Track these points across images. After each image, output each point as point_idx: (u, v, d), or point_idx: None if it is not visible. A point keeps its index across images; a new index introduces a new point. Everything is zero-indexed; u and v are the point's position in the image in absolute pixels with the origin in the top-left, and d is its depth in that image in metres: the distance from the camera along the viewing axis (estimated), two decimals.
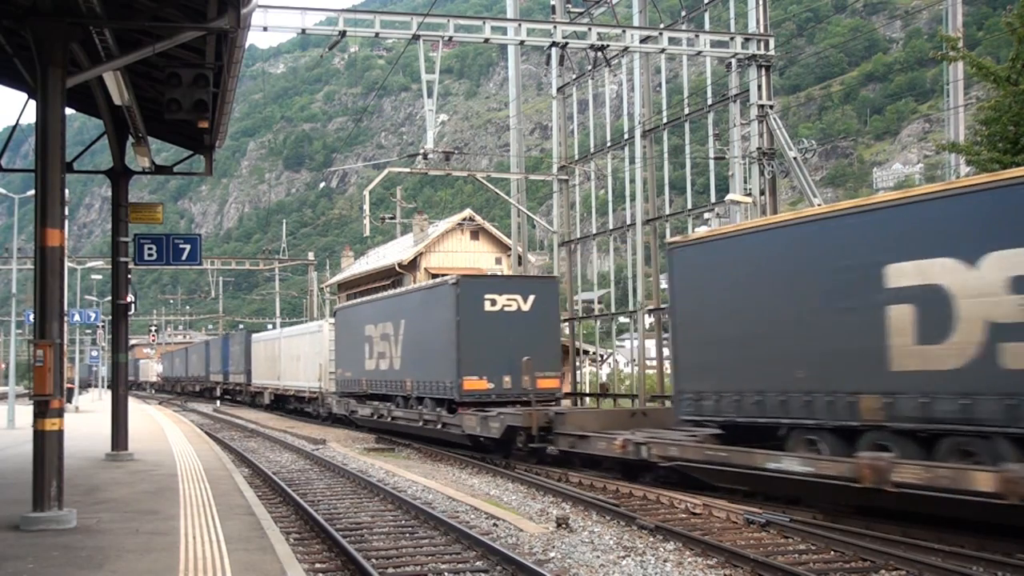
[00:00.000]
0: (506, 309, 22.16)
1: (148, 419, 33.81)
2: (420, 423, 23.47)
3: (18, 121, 15.50)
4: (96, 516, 10.95)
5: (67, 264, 28.37)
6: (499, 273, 46.70)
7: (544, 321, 22.62)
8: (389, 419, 25.81)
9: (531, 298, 22.44)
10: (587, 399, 30.72)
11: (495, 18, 27.38)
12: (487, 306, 22.06)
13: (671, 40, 25.60)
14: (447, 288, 22.87)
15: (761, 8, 25.62)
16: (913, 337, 11.82)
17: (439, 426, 22.36)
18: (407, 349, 25.22)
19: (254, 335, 50.49)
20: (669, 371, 21.43)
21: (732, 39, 25.54)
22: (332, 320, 35.52)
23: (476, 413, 20.77)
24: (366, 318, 28.98)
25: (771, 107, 25.46)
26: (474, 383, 21.71)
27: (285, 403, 43.12)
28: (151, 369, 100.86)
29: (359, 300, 33.79)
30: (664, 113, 31.61)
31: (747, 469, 13.43)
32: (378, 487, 16.36)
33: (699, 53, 25.97)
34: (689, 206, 29.28)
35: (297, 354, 39.59)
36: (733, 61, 26.04)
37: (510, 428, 19.39)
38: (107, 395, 44.64)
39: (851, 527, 11.86)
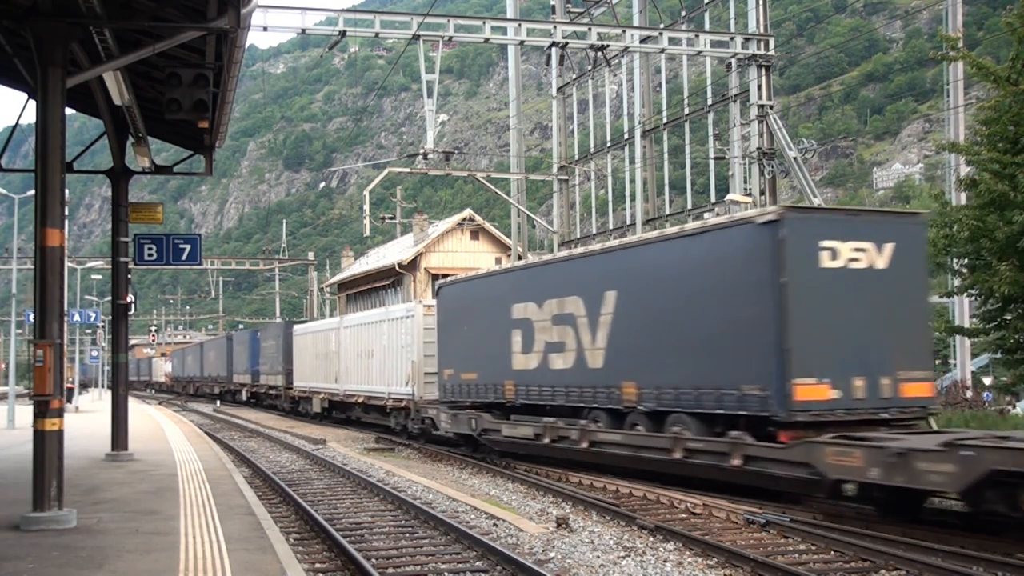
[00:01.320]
0: (852, 266, 13.65)
1: (148, 419, 33.82)
2: (675, 454, 14.90)
3: (18, 121, 15.50)
4: (96, 516, 10.95)
5: (67, 264, 28.39)
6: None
7: (907, 286, 14.10)
8: (582, 444, 17.21)
9: (888, 248, 13.85)
10: None
11: (495, 18, 27.40)
12: (825, 260, 13.51)
13: (671, 40, 25.61)
14: (752, 231, 13.86)
15: (761, 8, 25.64)
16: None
17: (737, 461, 13.69)
18: (627, 336, 16.65)
19: (297, 326, 40.88)
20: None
21: (732, 39, 25.56)
22: (422, 303, 26.93)
23: (861, 444, 12.05)
24: (515, 293, 20.00)
25: (771, 107, 25.48)
26: (811, 389, 13.23)
27: (344, 411, 33.85)
28: (158, 368, 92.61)
29: (490, 270, 23.28)
30: (664, 113, 31.63)
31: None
32: (378, 487, 16.36)
33: (699, 53, 25.99)
34: (689, 206, 29.29)
35: (369, 348, 29.79)
36: (733, 61, 26.05)
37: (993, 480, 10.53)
38: (107, 395, 44.65)
39: (851, 527, 11.85)
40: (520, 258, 33.85)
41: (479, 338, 21.34)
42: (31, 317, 25.45)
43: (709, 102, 29.18)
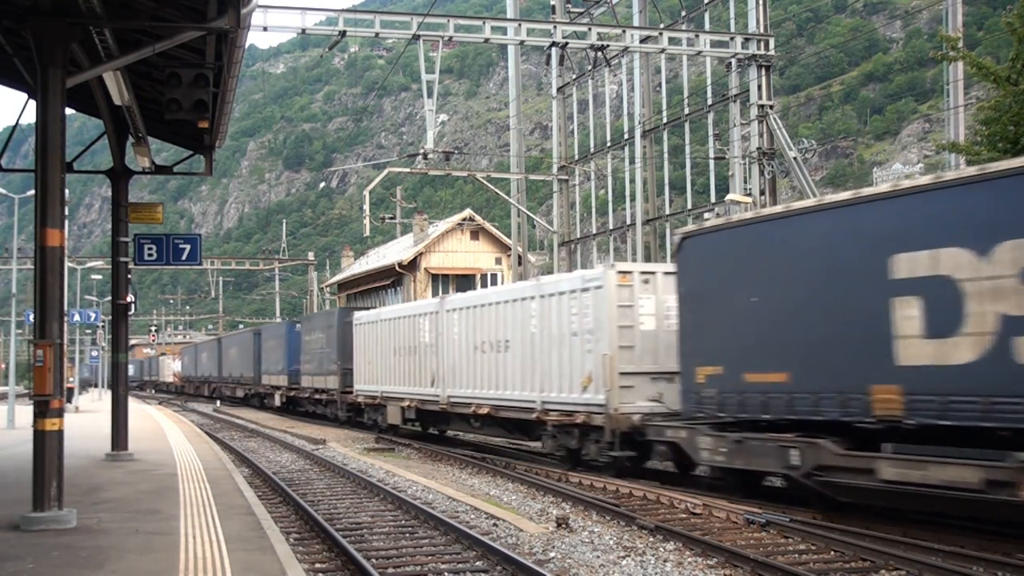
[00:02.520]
0: None
1: (148, 419, 33.82)
2: None
3: (18, 121, 15.51)
4: (96, 516, 10.95)
5: (67, 264, 28.40)
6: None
7: None
8: None
9: None
10: None
11: (495, 18, 27.42)
12: None
13: (671, 40, 25.62)
14: None
15: (761, 8, 25.65)
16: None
17: None
18: None
19: (359, 313, 31.56)
20: None
21: (732, 39, 25.57)
22: (615, 267, 17.49)
23: None
24: (902, 237, 11.58)
25: (771, 107, 25.49)
26: None
27: (445, 425, 25.35)
28: (166, 368, 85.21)
29: (828, 202, 13.23)
30: (664, 113, 31.65)
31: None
32: (378, 487, 16.36)
33: (699, 53, 25.99)
34: (689, 206, 29.31)
35: (500, 338, 20.98)
36: (733, 61, 26.05)
37: None
38: (107, 395, 44.64)
39: (851, 527, 11.85)
40: (520, 258, 33.65)
41: (792, 313, 13.27)
42: (31, 317, 25.46)
43: (709, 102, 29.18)
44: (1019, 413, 10.11)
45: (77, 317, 42.68)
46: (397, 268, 47.01)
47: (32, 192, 13.87)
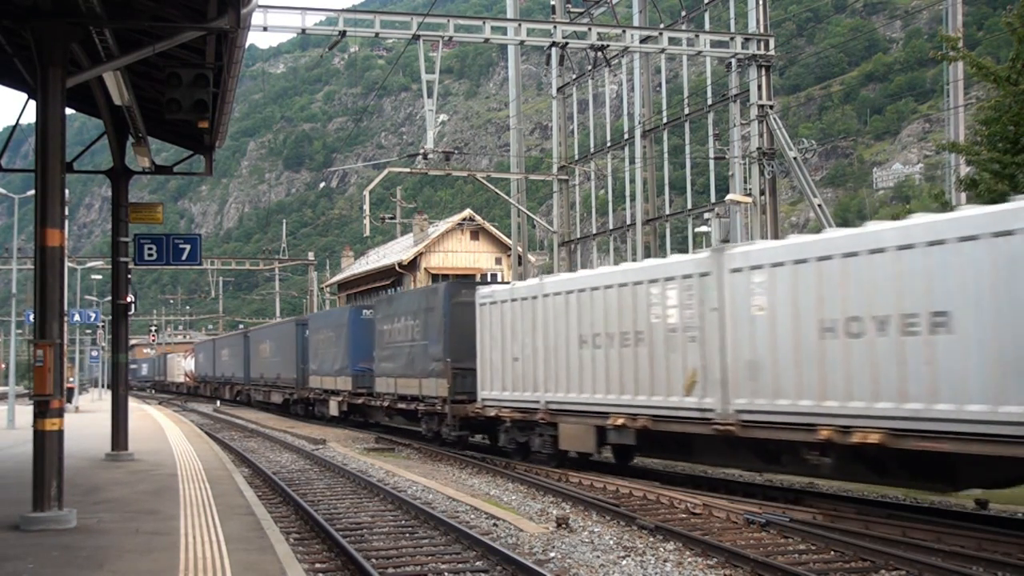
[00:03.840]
0: None
1: (148, 419, 33.81)
2: None
3: (18, 121, 15.51)
4: (96, 516, 10.95)
5: (67, 264, 28.40)
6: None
7: None
8: None
9: None
10: None
11: (495, 18, 27.41)
12: None
13: (671, 40, 25.61)
14: None
15: (761, 8, 25.65)
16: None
17: None
18: None
19: (485, 290, 21.99)
20: None
21: (732, 39, 25.57)
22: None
23: None
24: None
25: (771, 107, 25.49)
26: None
27: (703, 455, 16.34)
28: (175, 367, 77.18)
29: None
30: (664, 113, 31.64)
31: None
32: (378, 487, 16.36)
33: (699, 53, 25.99)
34: (689, 206, 29.30)
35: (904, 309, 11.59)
36: (733, 61, 26.05)
37: None
38: (107, 395, 44.61)
39: (851, 527, 11.86)
40: (520, 258, 33.63)
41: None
42: (31, 317, 25.47)
43: (709, 102, 29.18)
44: None
45: (77, 317, 42.67)
46: (397, 268, 47.02)
47: (32, 192, 13.87)
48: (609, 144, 32.78)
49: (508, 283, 23.51)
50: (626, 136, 31.36)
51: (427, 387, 23.66)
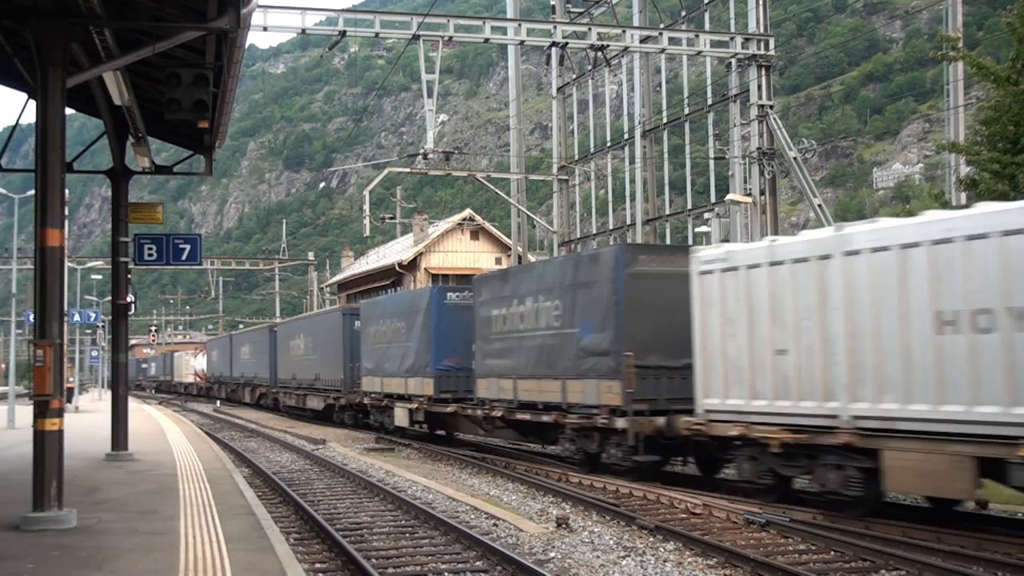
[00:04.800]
0: None
1: (148, 419, 33.81)
2: None
3: (18, 121, 15.51)
4: (96, 516, 10.95)
5: (67, 264, 28.39)
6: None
7: None
8: None
9: None
10: None
11: (495, 18, 27.40)
12: None
13: (671, 40, 25.61)
14: None
15: (761, 8, 25.65)
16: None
17: None
18: None
19: (711, 251, 15.52)
20: None
21: (732, 39, 25.56)
22: None
23: None
24: None
25: (771, 107, 25.49)
26: None
27: None
28: (184, 366, 70.63)
29: None
30: (664, 113, 31.63)
31: None
32: (378, 487, 16.36)
33: (699, 53, 25.98)
34: (689, 206, 29.30)
35: None
36: (733, 61, 26.05)
37: None
38: (107, 395, 44.63)
39: (851, 527, 11.85)
40: (520, 259, 33.62)
41: None
42: (31, 317, 25.47)
43: (709, 102, 29.18)
44: None
45: (77, 317, 42.65)
46: (397, 268, 47.02)
47: (32, 192, 13.88)
48: (609, 144, 32.78)
49: (732, 245, 17.25)
50: (626, 136, 31.35)
51: (580, 392, 17.50)
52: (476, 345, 21.79)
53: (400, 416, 25.94)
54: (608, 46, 25.22)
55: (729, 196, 24.68)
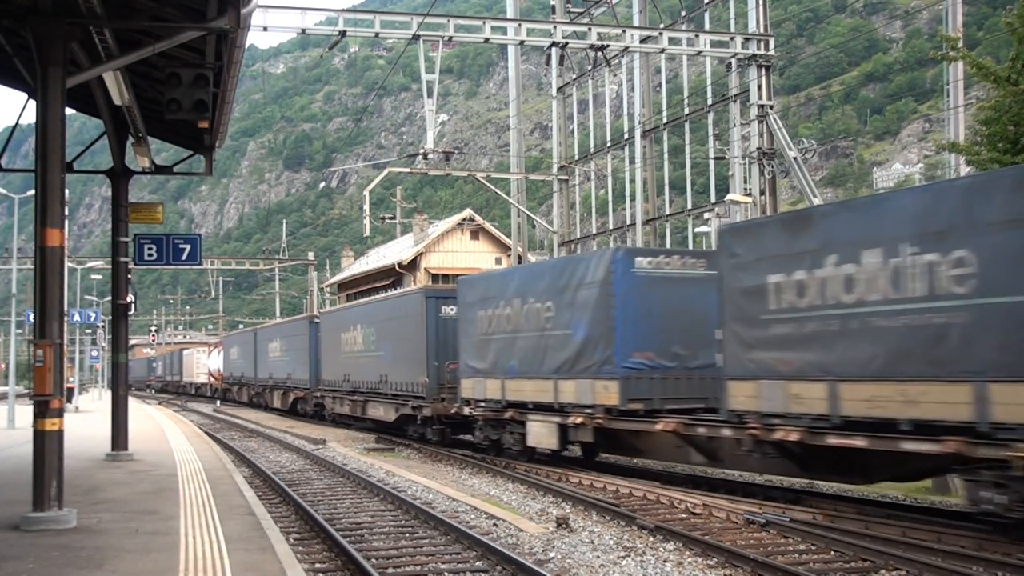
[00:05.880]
0: None
1: (148, 419, 33.81)
2: None
3: (18, 121, 15.51)
4: (96, 516, 10.94)
5: (67, 264, 28.40)
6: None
7: None
8: None
9: None
10: None
11: (495, 18, 27.39)
12: None
13: (671, 40, 25.60)
14: None
15: (761, 8, 25.64)
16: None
17: None
18: None
19: None
20: None
21: (732, 39, 25.55)
22: None
23: None
24: None
25: (771, 107, 25.47)
26: None
27: None
28: (194, 365, 63.95)
29: None
30: (664, 113, 31.62)
31: None
32: (378, 487, 16.36)
33: (699, 53, 25.98)
34: (689, 206, 29.30)
35: None
36: (733, 61, 26.04)
37: None
38: (107, 395, 44.62)
39: (851, 527, 11.85)
40: (520, 259, 33.61)
41: None
42: (31, 317, 25.46)
43: (709, 102, 29.17)
44: None
45: (77, 317, 42.65)
46: (397, 268, 47.04)
47: (32, 192, 13.88)
48: (609, 144, 32.76)
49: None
50: (626, 136, 31.34)
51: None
52: (731, 329, 14.21)
53: (541, 434, 18.60)
54: (608, 46, 25.21)
55: (729, 196, 24.66)
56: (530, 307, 19.22)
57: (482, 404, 20.85)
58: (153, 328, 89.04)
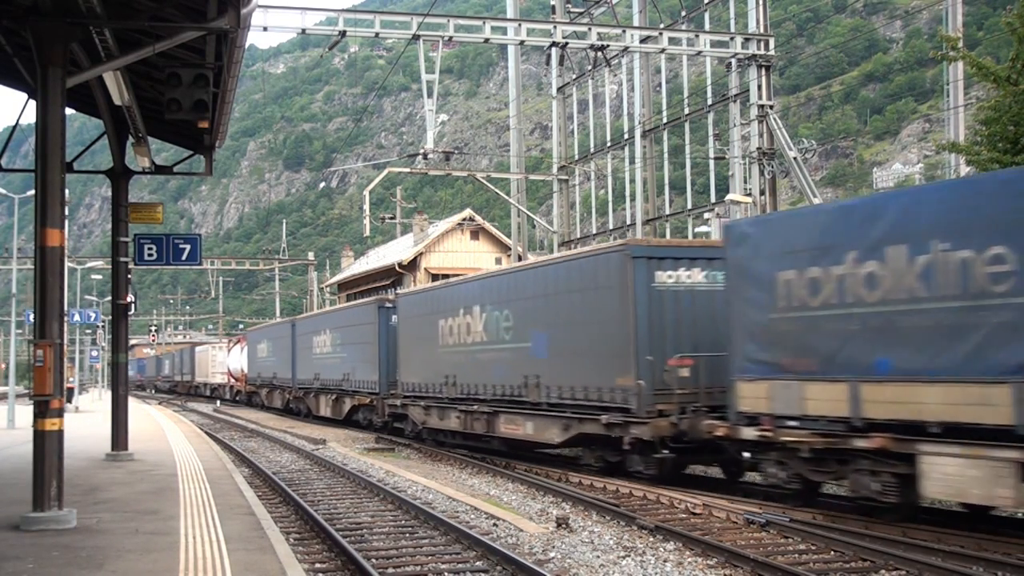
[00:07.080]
0: None
1: (148, 419, 33.81)
2: None
3: (18, 121, 15.51)
4: (96, 516, 10.94)
5: (67, 264, 28.39)
6: None
7: None
8: None
9: None
10: None
11: (495, 18, 27.41)
12: None
13: (671, 40, 25.61)
14: None
15: (761, 8, 25.65)
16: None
17: None
18: None
19: None
20: None
21: (732, 39, 25.56)
22: None
23: None
24: None
25: (771, 107, 25.49)
26: None
27: None
28: (209, 363, 56.48)
29: None
30: (664, 113, 31.63)
31: None
32: (378, 487, 16.36)
33: (699, 53, 25.99)
34: (689, 206, 29.31)
35: None
36: (733, 61, 26.05)
37: None
38: (107, 395, 44.64)
39: (851, 527, 11.85)
40: (520, 259, 33.63)
41: None
42: (31, 317, 25.47)
43: (709, 102, 29.18)
44: None
45: (77, 317, 42.65)
46: (397, 268, 47.03)
47: (32, 192, 13.87)
48: (609, 144, 32.77)
49: None
50: (626, 136, 31.35)
51: None
52: None
53: (964, 480, 10.57)
54: (608, 46, 25.23)
55: (729, 196, 24.68)
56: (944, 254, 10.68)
57: (791, 424, 12.69)
58: (153, 328, 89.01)
